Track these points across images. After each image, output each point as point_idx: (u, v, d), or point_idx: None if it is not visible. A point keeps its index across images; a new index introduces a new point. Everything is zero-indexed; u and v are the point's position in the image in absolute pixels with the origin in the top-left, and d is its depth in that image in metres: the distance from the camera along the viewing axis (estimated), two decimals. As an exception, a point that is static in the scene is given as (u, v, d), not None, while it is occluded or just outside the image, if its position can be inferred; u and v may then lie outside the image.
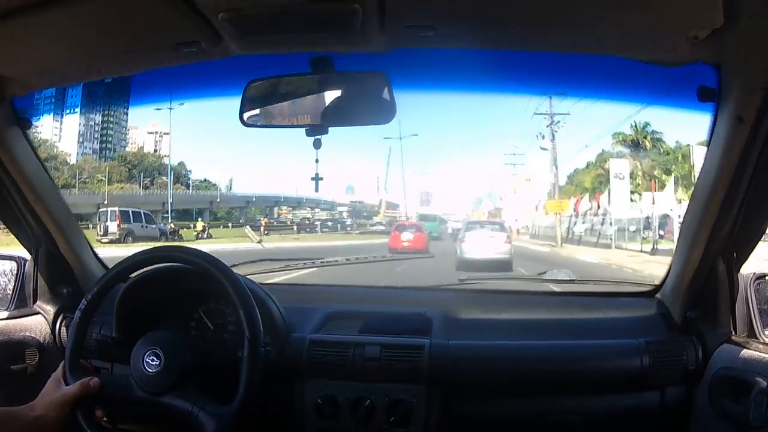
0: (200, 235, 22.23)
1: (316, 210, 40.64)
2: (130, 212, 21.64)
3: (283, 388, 1.28)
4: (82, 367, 1.16)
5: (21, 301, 1.52)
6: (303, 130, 1.16)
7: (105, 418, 1.16)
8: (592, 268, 11.48)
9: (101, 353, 1.36)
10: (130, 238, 18.91)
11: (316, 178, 1.29)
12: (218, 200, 36.06)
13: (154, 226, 21.80)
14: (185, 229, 23.81)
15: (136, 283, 1.29)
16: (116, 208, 21.74)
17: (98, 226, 20.32)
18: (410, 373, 1.25)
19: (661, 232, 17.12)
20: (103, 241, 17.90)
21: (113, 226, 19.85)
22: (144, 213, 22.60)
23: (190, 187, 39.08)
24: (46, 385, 1.12)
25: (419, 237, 15.34)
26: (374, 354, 1.26)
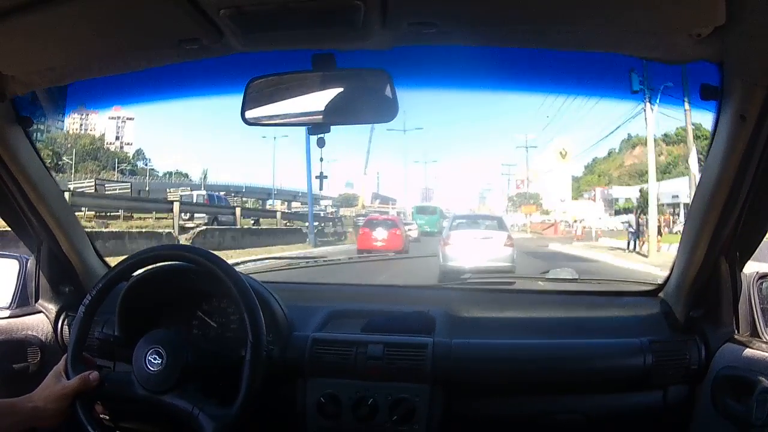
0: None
1: (296, 204, 30.63)
2: (216, 196, 20.94)
3: (286, 387, 1.28)
4: (84, 361, 1.16)
5: (23, 300, 1.52)
6: (301, 127, 1.14)
7: (107, 417, 1.16)
8: None
9: (103, 352, 1.36)
10: (216, 223, 17.09)
11: (321, 177, 1.28)
12: (147, 189, 29.22)
13: (231, 213, 19.81)
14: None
15: (139, 281, 1.29)
16: (204, 192, 21.07)
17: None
18: (413, 371, 1.25)
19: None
20: (188, 225, 15.26)
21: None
22: (224, 197, 21.97)
23: (119, 172, 36.20)
24: (47, 378, 1.12)
25: (394, 235, 12.69)
26: (377, 353, 1.26)
